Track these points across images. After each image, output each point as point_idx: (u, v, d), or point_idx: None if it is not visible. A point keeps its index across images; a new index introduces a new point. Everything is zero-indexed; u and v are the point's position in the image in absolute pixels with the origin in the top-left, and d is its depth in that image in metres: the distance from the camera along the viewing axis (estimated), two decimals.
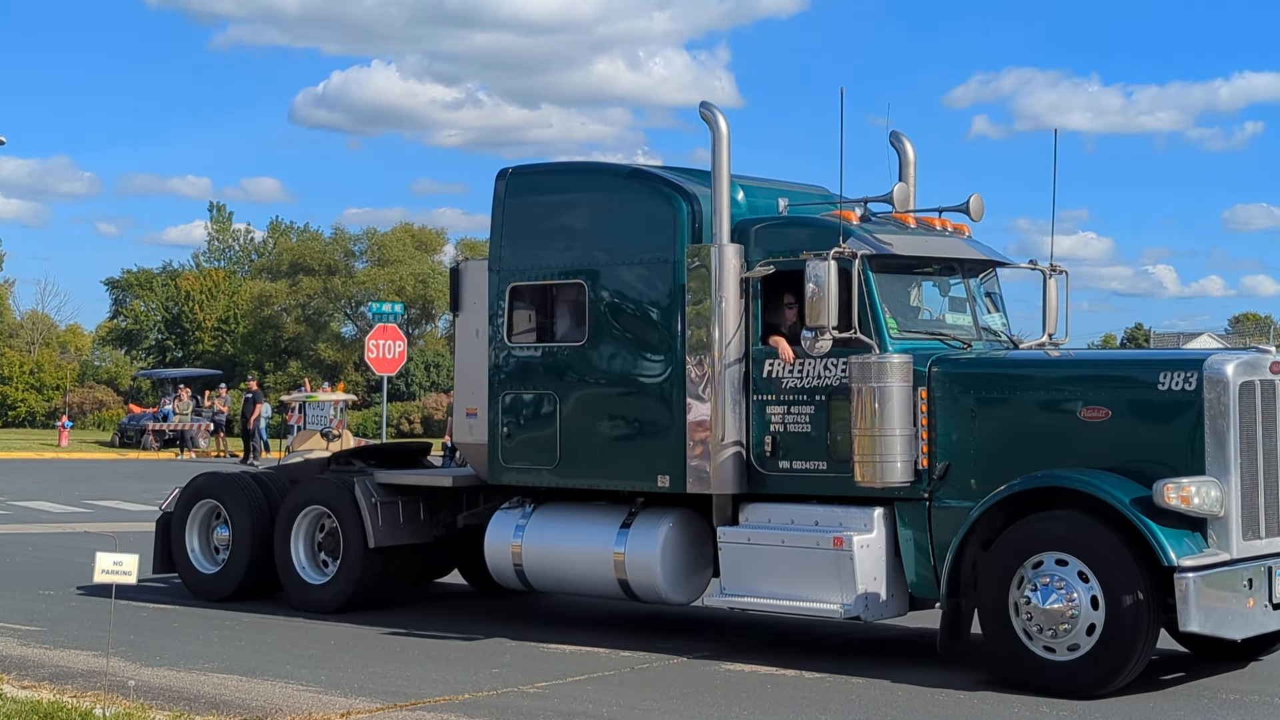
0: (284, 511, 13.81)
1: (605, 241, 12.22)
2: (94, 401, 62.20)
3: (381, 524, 13.24)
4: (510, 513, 12.62)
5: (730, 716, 9.47)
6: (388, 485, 13.49)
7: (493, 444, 12.63)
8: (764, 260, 11.36)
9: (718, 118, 11.56)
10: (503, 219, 12.72)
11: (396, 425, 52.78)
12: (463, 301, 13.20)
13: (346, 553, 13.36)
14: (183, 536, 14.47)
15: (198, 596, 14.15)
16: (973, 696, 10.04)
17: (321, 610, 13.32)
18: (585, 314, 12.19)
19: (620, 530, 11.94)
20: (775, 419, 11.34)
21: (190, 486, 14.65)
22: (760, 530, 11.30)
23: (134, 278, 79.70)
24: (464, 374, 13.21)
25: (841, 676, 10.68)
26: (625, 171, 12.49)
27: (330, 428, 26.99)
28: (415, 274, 66.20)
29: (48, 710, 8.82)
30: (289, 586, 13.75)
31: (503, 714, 9.40)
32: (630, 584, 11.90)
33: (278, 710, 9.38)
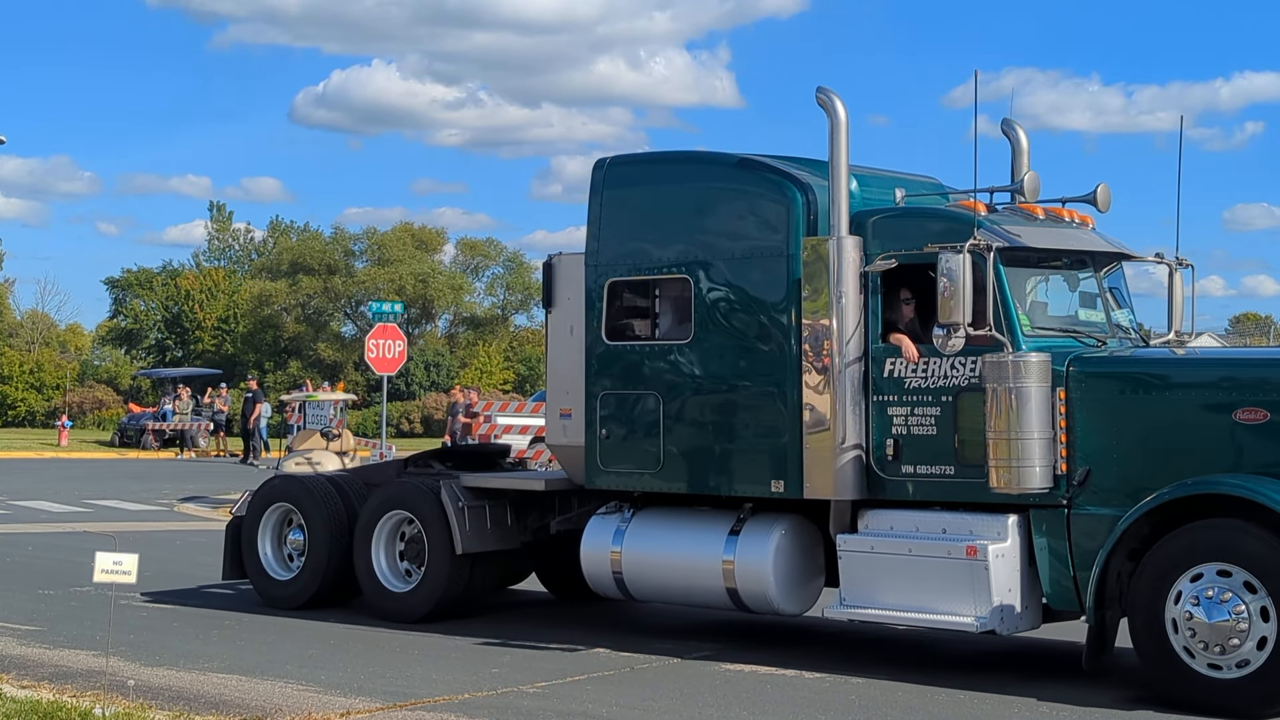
0: (364, 516, 13.34)
1: (712, 234, 11.70)
2: (94, 401, 62.20)
3: (469, 529, 12.71)
4: (607, 518, 12.14)
5: (730, 716, 9.47)
6: (475, 489, 12.96)
7: (590, 446, 12.12)
8: (884, 254, 10.81)
9: (835, 103, 11.03)
10: (600, 211, 12.24)
11: (396, 425, 52.79)
12: (556, 297, 12.72)
13: (432, 559, 12.83)
14: (254, 542, 14.03)
15: (270, 605, 13.71)
16: (973, 696, 10.03)
17: (404, 619, 12.81)
18: (691, 310, 11.69)
19: (729, 537, 11.42)
20: (897, 421, 10.79)
21: (263, 489, 14.24)
22: (884, 538, 10.71)
23: (134, 277, 79.70)
24: (556, 373, 12.72)
25: (841, 676, 10.67)
26: (735, 161, 11.84)
27: (330, 427, 26.95)
28: (415, 273, 66.20)
29: (47, 710, 8.82)
30: (369, 594, 13.26)
31: (502, 714, 9.40)
32: (740, 594, 11.40)
33: (277, 710, 9.37)
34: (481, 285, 74.12)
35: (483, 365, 65.86)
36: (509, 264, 73.84)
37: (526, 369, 68.36)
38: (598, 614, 13.64)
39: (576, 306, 12.38)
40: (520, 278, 73.20)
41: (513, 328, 75.47)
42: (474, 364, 65.76)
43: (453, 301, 70.09)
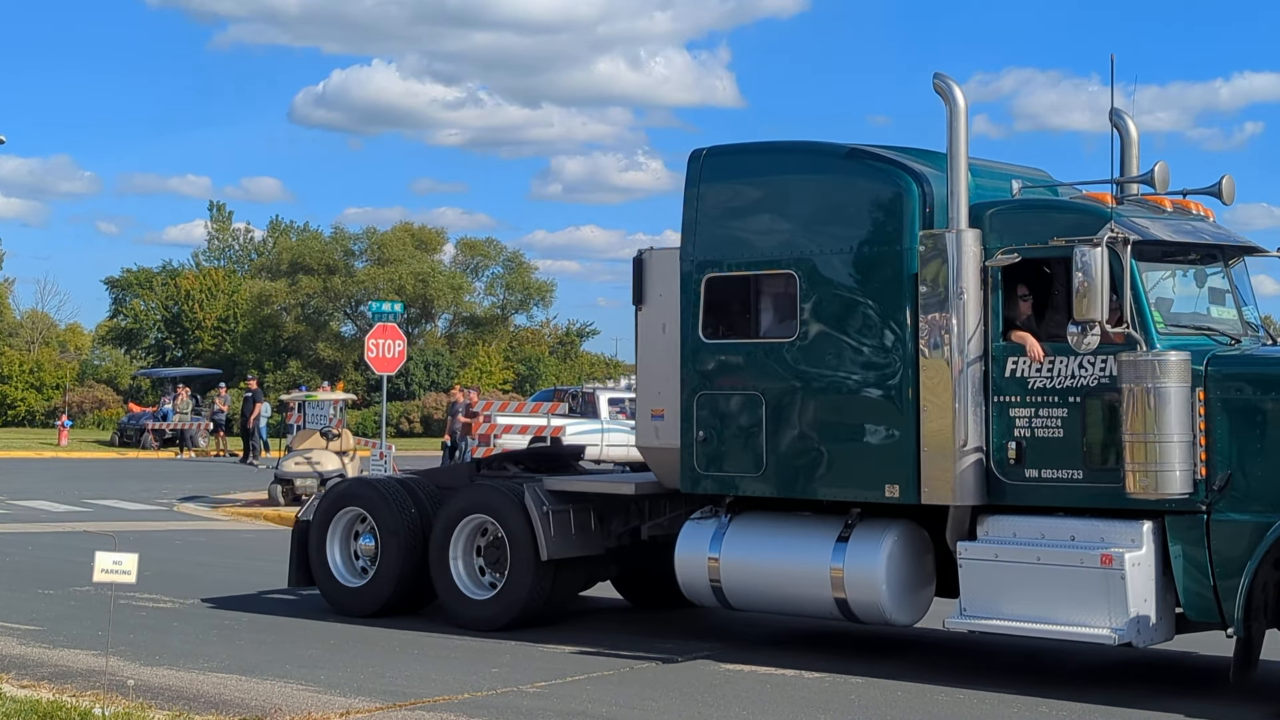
0: (441, 520, 12.85)
1: (820, 228, 11.23)
2: (93, 401, 62.15)
3: (554, 534, 12.21)
4: (703, 524, 11.71)
5: (729, 716, 9.47)
6: (559, 492, 12.50)
7: (686, 449, 11.66)
8: (1005, 248, 10.41)
9: (954, 90, 10.61)
10: (697, 204, 11.78)
11: (396, 425, 52.79)
12: (647, 294, 12.25)
13: (514, 565, 12.36)
14: (323, 547, 13.50)
15: (340, 612, 13.26)
16: (972, 696, 10.03)
17: (484, 628, 12.37)
18: (796, 307, 11.22)
19: (837, 544, 10.98)
20: (1020, 422, 10.35)
21: (333, 493, 13.82)
22: (1008, 546, 10.26)
23: (134, 277, 79.65)
24: (648, 373, 12.31)
25: (840, 676, 10.68)
26: (844, 151, 11.34)
27: (330, 427, 26.91)
28: (415, 273, 66.18)
29: (47, 710, 8.82)
30: (447, 602, 12.80)
31: (502, 714, 9.40)
32: (850, 603, 10.97)
33: (277, 710, 9.37)
34: (481, 285, 74.11)
35: (482, 365, 65.84)
36: (509, 264, 73.81)
37: (526, 369, 68.37)
38: (598, 614, 13.65)
39: (670, 303, 11.96)
40: (520, 277, 73.18)
41: (512, 327, 75.46)
42: (474, 364, 65.74)
43: (452, 301, 70.06)
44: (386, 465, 25.36)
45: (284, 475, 25.43)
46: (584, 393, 36.46)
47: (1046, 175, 12.02)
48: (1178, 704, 9.93)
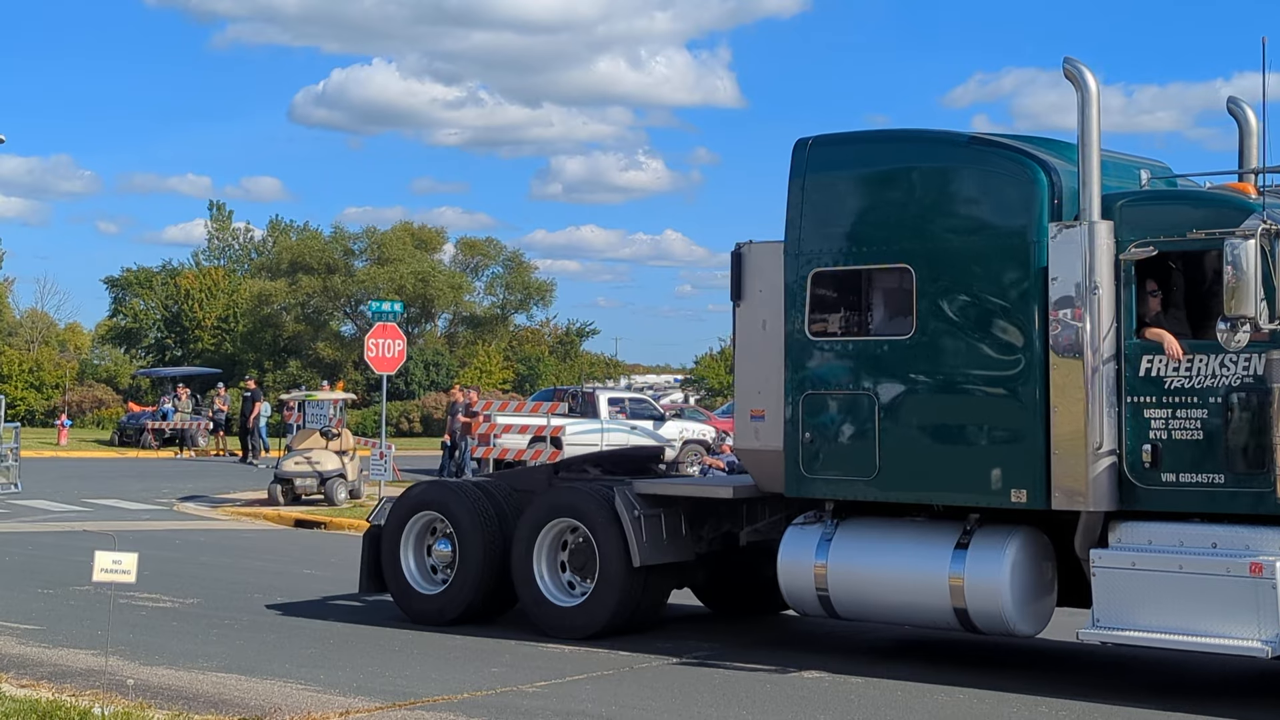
0: (525, 524, 12.40)
1: (938, 220, 10.75)
2: (93, 400, 62.13)
3: (646, 539, 11.76)
4: (807, 529, 11.25)
5: (729, 716, 9.47)
6: (649, 495, 12.02)
7: (791, 451, 11.19)
8: (1139, 241, 9.94)
9: (1085, 74, 10.23)
10: (803, 196, 11.27)
11: (396, 424, 52.78)
12: (746, 289, 11.74)
13: (604, 572, 11.91)
14: (396, 553, 13.01)
15: (416, 620, 12.79)
16: (972, 696, 10.03)
17: (573, 636, 11.98)
18: (912, 303, 10.76)
19: (955, 551, 10.54)
20: (1156, 424, 9.90)
21: (407, 497, 13.31)
22: (1146, 553, 9.83)
23: (133, 276, 79.64)
24: (746, 371, 11.81)
25: (840, 676, 10.67)
26: (965, 140, 10.90)
27: (330, 426, 26.90)
28: (415, 273, 66.16)
29: (46, 709, 8.81)
30: (531, 608, 12.35)
31: (502, 713, 9.39)
32: (970, 613, 10.50)
33: (276, 709, 9.37)
34: (481, 285, 74.11)
35: (482, 365, 65.83)
36: (509, 263, 73.79)
37: (526, 368, 68.36)
38: None
39: (771, 299, 11.47)
40: (520, 277, 73.16)
41: (512, 327, 75.47)
42: (473, 363, 65.73)
43: (452, 301, 70.04)
44: (386, 465, 25.38)
45: (284, 475, 25.42)
46: (584, 392, 36.45)
47: (1166, 166, 11.67)
48: (1179, 704, 9.92)
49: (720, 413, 46.14)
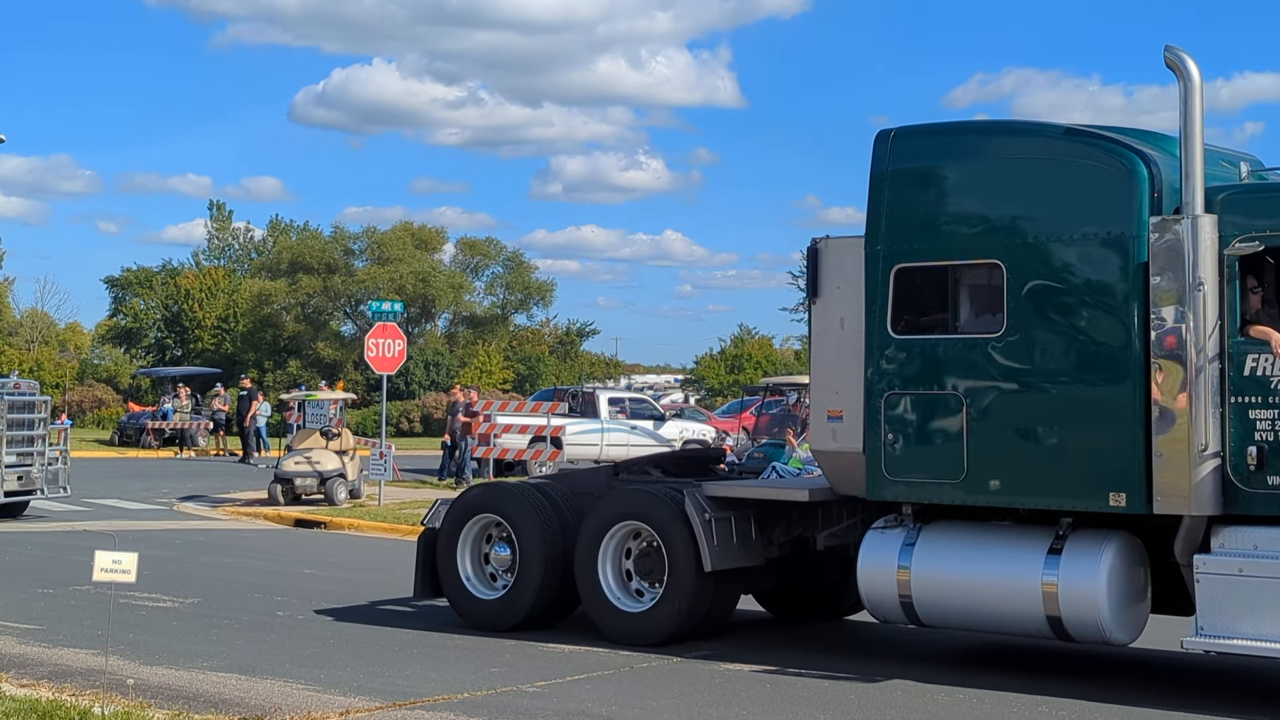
0: (589, 527, 12.05)
1: (1031, 214, 10.42)
2: (93, 400, 62.12)
3: (717, 543, 11.42)
4: (888, 533, 10.93)
5: (729, 715, 9.47)
6: (719, 498, 11.69)
7: (872, 453, 10.87)
8: (1244, 235, 9.66)
9: (1187, 63, 9.88)
10: (885, 190, 10.97)
11: (396, 424, 52.81)
12: (822, 286, 11.37)
13: (674, 577, 11.57)
14: (453, 557, 12.68)
15: (474, 627, 12.48)
16: (971, 696, 10.03)
17: (639, 642, 11.63)
18: (1002, 300, 10.42)
19: (1049, 556, 10.21)
20: (1262, 425, 9.60)
21: (463, 500, 12.97)
22: (1253, 559, 9.51)
23: (134, 276, 79.66)
24: (823, 370, 11.45)
25: (840, 676, 10.67)
26: (1059, 131, 10.58)
27: (330, 426, 26.91)
28: (415, 272, 66.17)
29: (46, 709, 8.81)
30: (596, 614, 12.03)
31: (502, 713, 9.39)
32: (1064, 621, 10.17)
33: (276, 709, 9.37)
34: (481, 285, 74.14)
35: (482, 365, 65.83)
36: (509, 263, 73.82)
37: (526, 368, 68.38)
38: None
39: (850, 296, 11.14)
40: (520, 277, 73.18)
41: (512, 327, 75.48)
42: (473, 363, 65.74)
43: (452, 301, 70.05)
44: (386, 465, 25.39)
45: (284, 474, 25.43)
46: (584, 392, 36.47)
47: (1258, 160, 11.45)
48: (1180, 703, 9.93)
49: (720, 413, 46.18)
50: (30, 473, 22.50)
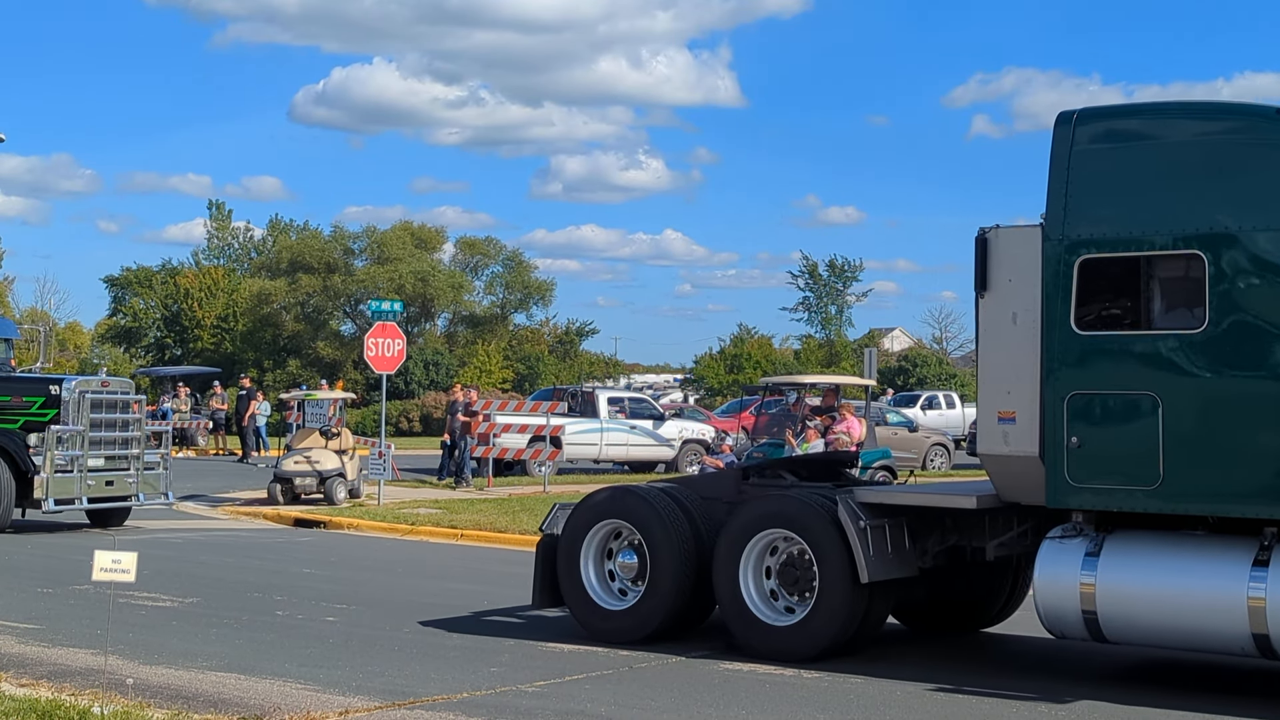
0: (729, 534, 11.42)
1: (1235, 201, 9.79)
2: None
3: (872, 553, 10.79)
4: (1067, 543, 10.27)
5: (728, 715, 9.47)
6: (874, 505, 11.08)
7: (1053, 458, 10.25)
8: None
9: None
10: (1068, 174, 10.32)
11: (395, 424, 52.80)
12: (992, 279, 10.66)
13: (826, 588, 10.94)
14: (576, 565, 12.09)
15: (599, 639, 11.91)
16: (971, 696, 10.03)
17: (788, 659, 11.02)
18: (1203, 293, 9.79)
19: (1254, 569, 9.56)
20: None
21: (588, 505, 12.32)
22: None
23: (133, 275, 79.68)
24: (993, 368, 10.76)
25: (840, 676, 10.67)
26: (1271, 112, 9.88)
27: (329, 425, 26.91)
28: (415, 272, 66.18)
29: (46, 708, 8.81)
30: (737, 626, 11.41)
31: (501, 713, 9.39)
32: (1273, 639, 9.51)
33: (275, 709, 9.37)
34: (481, 284, 74.15)
35: (482, 364, 65.82)
36: (508, 263, 73.83)
37: (525, 368, 68.36)
38: None
39: (1025, 289, 10.51)
40: (520, 276, 73.19)
41: (512, 326, 75.48)
42: (473, 363, 65.73)
43: (452, 300, 70.06)
44: (386, 464, 25.39)
45: (283, 474, 25.44)
46: (583, 392, 36.46)
47: None
48: (1180, 702, 9.93)
49: (720, 412, 46.15)
50: (124, 478, 20.93)
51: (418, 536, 21.46)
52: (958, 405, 50.61)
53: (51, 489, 19.94)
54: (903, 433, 37.38)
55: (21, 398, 20.67)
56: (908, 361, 75.38)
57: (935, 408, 49.44)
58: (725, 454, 30.42)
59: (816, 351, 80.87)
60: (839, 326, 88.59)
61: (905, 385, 65.73)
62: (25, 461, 19.87)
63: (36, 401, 20.50)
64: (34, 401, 20.52)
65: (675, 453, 34.79)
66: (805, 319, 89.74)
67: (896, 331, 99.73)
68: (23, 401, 20.63)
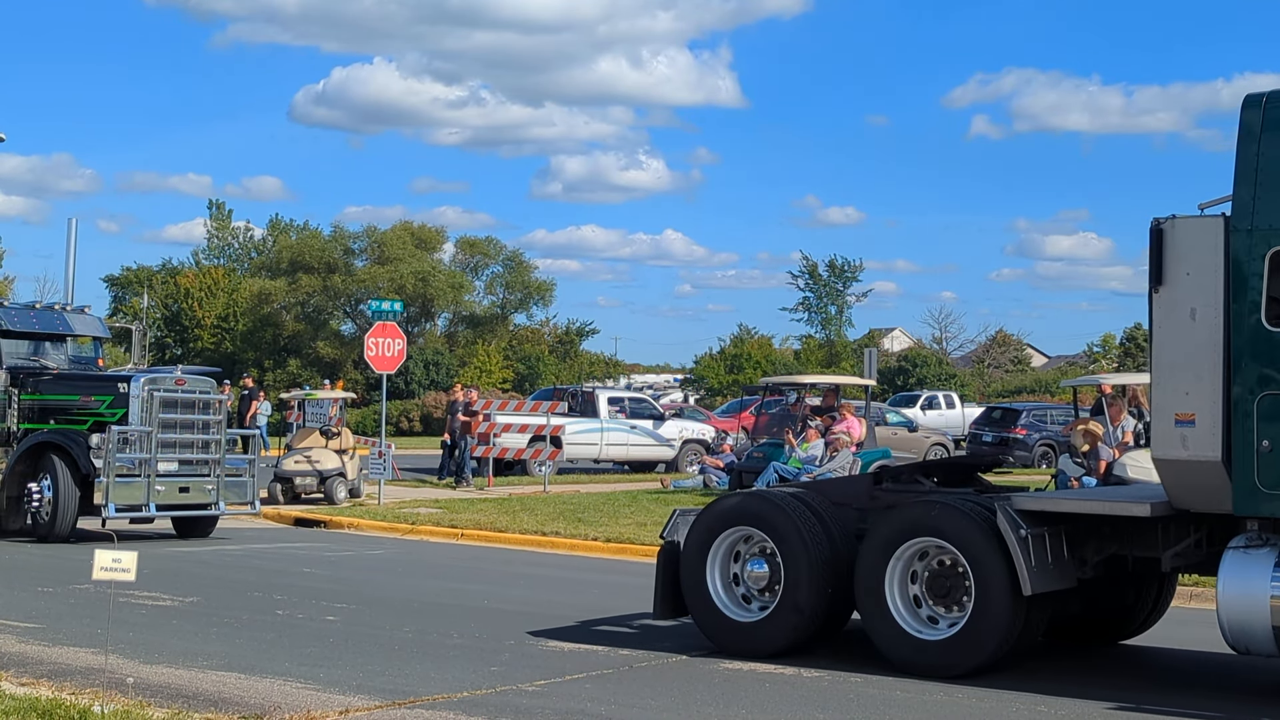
0: (874, 543, 10.88)
1: None
2: None
3: (1034, 564, 10.23)
4: (1253, 554, 9.72)
5: (729, 714, 9.47)
6: (1033, 513, 10.49)
7: (1241, 463, 9.67)
8: None
9: None
10: (1258, 161, 9.74)
11: (396, 423, 52.84)
12: (1168, 272, 10.04)
13: (983, 601, 10.36)
14: (701, 574, 11.53)
15: (725, 650, 11.42)
16: (970, 695, 10.03)
17: (940, 674, 10.46)
18: None
19: None
20: None
21: (715, 511, 11.74)
22: None
23: (133, 275, 79.74)
24: (1169, 368, 10.11)
25: (840, 675, 10.68)
26: None
27: (330, 425, 26.93)
28: (415, 272, 66.24)
29: (46, 707, 8.81)
30: (882, 638, 10.84)
31: (501, 712, 9.39)
32: None
33: (276, 708, 9.36)
34: (481, 284, 74.21)
35: (482, 364, 65.87)
36: (509, 263, 73.88)
37: (525, 368, 68.38)
38: (595, 612, 13.64)
39: (1204, 283, 9.90)
40: (520, 276, 73.23)
41: (512, 326, 75.51)
42: (473, 363, 65.77)
43: (452, 300, 70.11)
44: (386, 464, 25.40)
45: (284, 474, 25.45)
46: (583, 392, 36.48)
47: None
48: (1181, 700, 9.94)
49: (720, 412, 46.17)
50: (201, 484, 19.52)
51: (418, 536, 21.47)
52: (957, 405, 50.70)
53: (112, 494, 18.66)
54: (902, 433, 37.45)
55: (90, 397, 19.57)
56: (907, 362, 75.45)
57: (935, 408, 49.50)
58: (725, 454, 30.45)
59: (816, 352, 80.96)
60: (839, 327, 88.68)
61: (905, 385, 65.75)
62: (86, 464, 18.68)
63: (105, 401, 19.36)
64: (102, 401, 19.39)
65: (675, 453, 34.82)
66: (805, 319, 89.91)
67: (896, 332, 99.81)
68: (91, 401, 19.53)
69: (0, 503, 19.24)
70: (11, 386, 19.74)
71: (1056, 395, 58.71)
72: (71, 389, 19.82)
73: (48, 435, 19.17)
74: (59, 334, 20.79)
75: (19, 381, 19.82)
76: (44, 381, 19.94)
